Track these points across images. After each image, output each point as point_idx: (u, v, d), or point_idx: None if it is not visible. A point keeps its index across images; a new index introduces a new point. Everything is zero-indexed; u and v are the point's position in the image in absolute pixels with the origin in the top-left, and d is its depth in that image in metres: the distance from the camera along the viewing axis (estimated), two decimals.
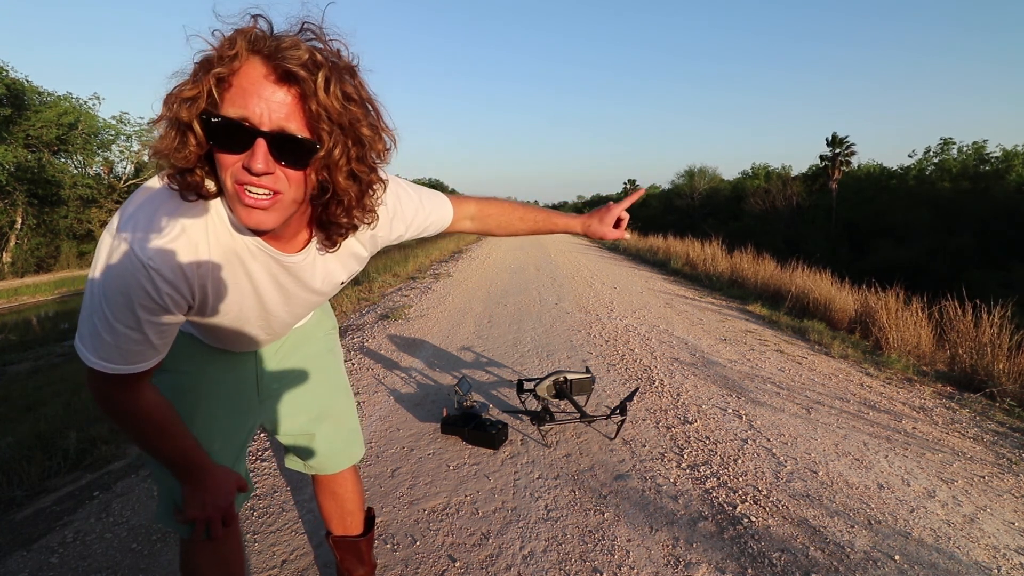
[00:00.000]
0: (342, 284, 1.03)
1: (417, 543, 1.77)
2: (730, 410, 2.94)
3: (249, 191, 0.70)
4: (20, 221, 24.72)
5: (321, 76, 0.67)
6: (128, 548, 1.76)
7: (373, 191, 0.82)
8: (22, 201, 24.26)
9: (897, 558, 1.71)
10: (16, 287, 21.13)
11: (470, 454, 2.39)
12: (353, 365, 3.77)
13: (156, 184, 0.77)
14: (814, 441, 2.57)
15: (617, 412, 2.51)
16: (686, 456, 2.38)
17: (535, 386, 2.57)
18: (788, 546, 1.75)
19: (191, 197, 0.75)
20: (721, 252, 9.97)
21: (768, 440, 2.56)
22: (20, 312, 17.81)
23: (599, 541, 1.78)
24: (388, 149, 0.80)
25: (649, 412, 2.89)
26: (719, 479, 2.18)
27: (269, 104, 0.67)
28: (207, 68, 0.67)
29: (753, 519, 1.90)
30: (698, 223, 35.57)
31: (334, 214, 0.80)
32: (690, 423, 2.74)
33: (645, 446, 2.48)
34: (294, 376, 1.18)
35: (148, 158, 0.77)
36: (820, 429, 2.72)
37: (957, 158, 32.16)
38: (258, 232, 0.80)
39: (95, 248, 0.75)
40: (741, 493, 2.08)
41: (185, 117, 0.68)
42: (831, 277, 6.82)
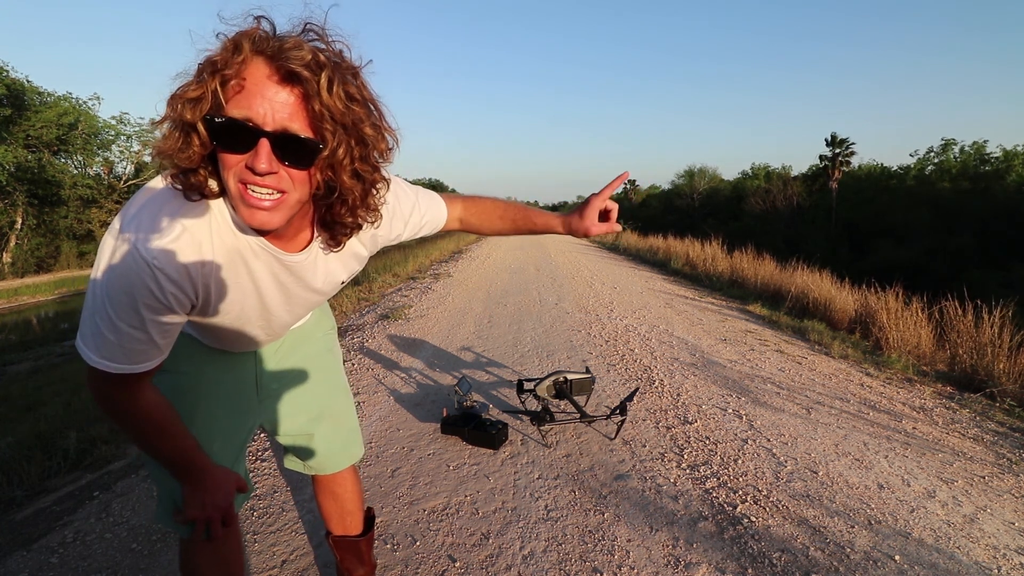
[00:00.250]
0: (342, 284, 1.03)
1: (417, 543, 1.77)
2: (730, 410, 2.94)
3: (252, 191, 0.71)
4: (20, 221, 24.73)
5: (324, 76, 0.68)
6: (128, 548, 1.76)
7: (377, 190, 0.82)
8: (22, 201, 24.27)
9: (897, 558, 1.71)
10: (16, 287, 21.14)
11: (470, 454, 2.39)
12: (353, 365, 3.77)
13: (159, 184, 0.77)
14: (814, 441, 2.57)
15: (617, 412, 2.51)
16: (686, 456, 2.38)
17: (535, 386, 2.57)
18: (788, 546, 1.75)
19: (194, 197, 0.75)
20: (721, 252, 9.96)
21: (768, 440, 2.56)
22: (20, 312, 17.82)
23: (599, 541, 1.78)
24: (391, 148, 0.80)
25: (649, 412, 2.89)
26: (719, 479, 2.18)
27: (272, 104, 0.68)
28: (211, 69, 0.67)
29: (753, 519, 1.90)
30: (698, 223, 35.56)
31: (339, 214, 0.81)
32: (690, 423, 2.74)
33: (645, 446, 2.48)
34: (293, 376, 1.18)
35: (150, 158, 0.77)
36: (820, 429, 2.72)
37: (958, 158, 32.18)
38: (261, 232, 0.80)
39: (95, 248, 0.75)
40: (741, 493, 2.08)
41: (189, 118, 0.68)
42: (831, 277, 6.82)
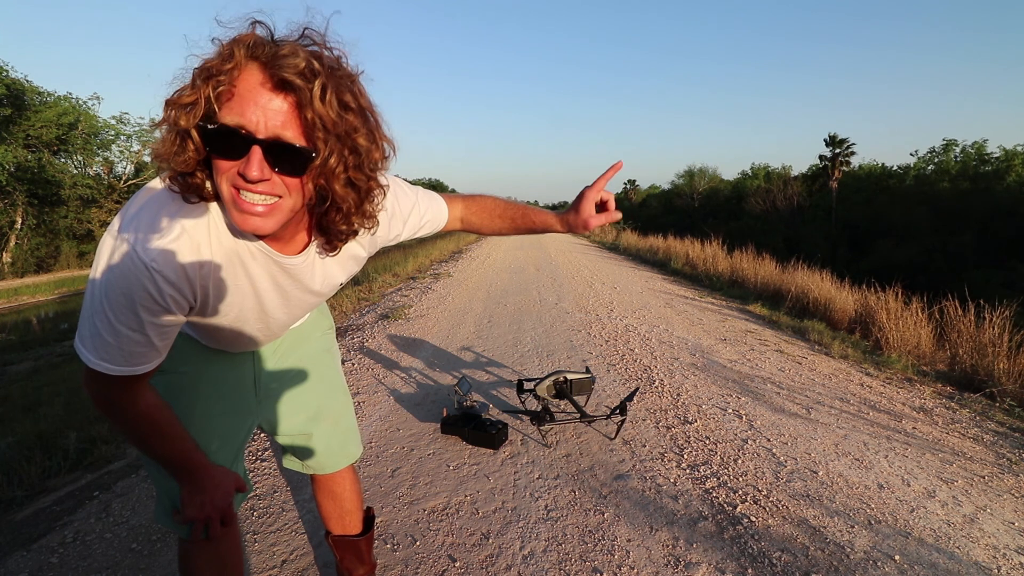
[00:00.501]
0: (340, 285, 1.03)
1: (417, 543, 1.77)
2: (730, 410, 2.94)
3: (245, 196, 0.71)
4: (20, 221, 24.73)
5: (317, 85, 0.67)
6: (128, 548, 1.76)
7: (373, 198, 0.82)
8: (22, 201, 24.27)
9: (897, 558, 1.71)
10: (16, 287, 21.13)
11: (470, 454, 2.39)
12: (353, 365, 3.77)
13: (158, 185, 0.78)
14: (814, 441, 2.57)
15: (617, 412, 2.51)
16: (686, 456, 2.38)
17: (535, 386, 2.57)
18: (788, 546, 1.75)
19: (192, 199, 0.75)
20: (721, 252, 9.96)
21: (768, 440, 2.56)
22: (20, 312, 17.81)
23: (599, 541, 1.78)
24: (386, 158, 0.80)
25: (649, 412, 2.89)
26: (719, 479, 2.18)
27: (265, 112, 0.67)
28: (205, 75, 0.67)
29: (753, 519, 1.90)
30: (698, 223, 35.56)
31: (333, 221, 0.80)
32: (690, 423, 2.74)
33: (645, 446, 2.47)
34: (292, 376, 1.18)
35: (149, 159, 0.77)
36: (820, 429, 2.71)
37: (959, 158, 32.17)
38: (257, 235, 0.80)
39: (95, 248, 0.75)
40: (741, 493, 2.08)
41: (183, 124, 0.68)
42: (831, 277, 6.82)
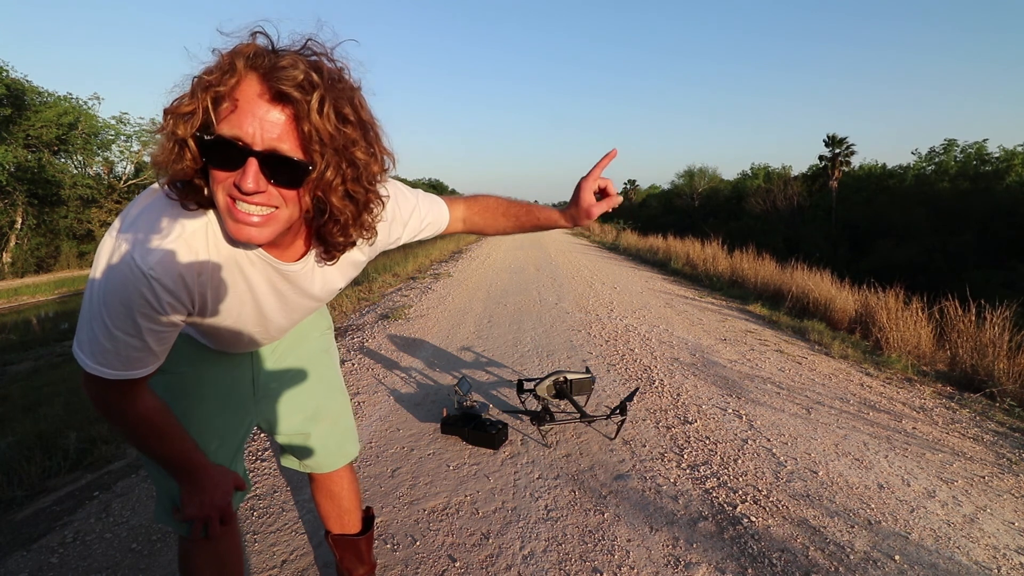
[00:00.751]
0: (340, 290, 1.03)
1: (417, 543, 1.77)
2: (730, 410, 2.94)
3: (240, 207, 0.70)
4: (20, 221, 24.74)
5: (315, 97, 0.67)
6: (128, 548, 1.76)
7: (371, 210, 0.81)
8: (22, 201, 24.27)
9: (897, 558, 1.70)
10: (16, 287, 21.13)
11: (470, 454, 2.39)
12: (353, 365, 3.76)
13: (159, 189, 0.77)
14: (814, 441, 2.57)
15: (617, 412, 2.51)
16: (686, 456, 2.38)
17: (535, 386, 2.57)
18: (788, 546, 1.75)
19: (191, 206, 0.75)
20: (721, 252, 9.97)
21: (768, 440, 2.56)
22: (20, 312, 17.81)
23: (599, 541, 1.78)
24: (385, 170, 0.79)
25: (649, 412, 2.89)
26: (719, 479, 2.18)
27: (262, 124, 0.67)
28: (204, 85, 0.67)
29: (753, 519, 1.90)
30: (698, 223, 35.56)
31: (331, 232, 0.80)
32: (690, 423, 2.74)
33: (645, 446, 2.47)
34: (290, 376, 1.18)
35: (146, 156, 0.77)
36: (820, 429, 2.71)
37: (959, 158, 32.17)
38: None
39: (95, 248, 0.75)
40: (741, 493, 2.08)
41: (181, 133, 0.68)
42: (831, 277, 6.82)
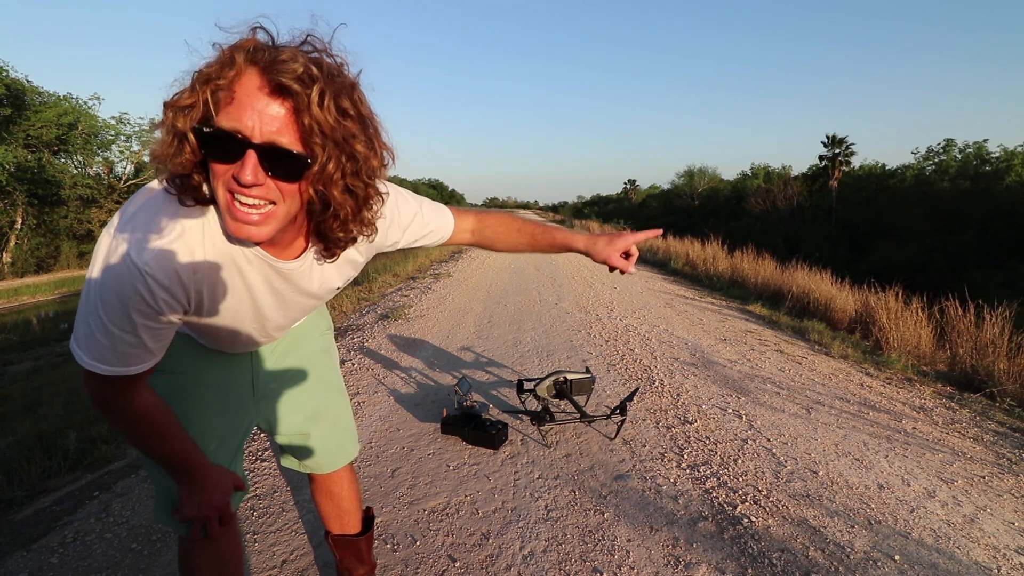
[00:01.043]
0: (337, 289, 1.03)
1: (417, 543, 1.77)
2: (730, 410, 2.94)
3: (239, 204, 0.71)
4: (20, 221, 24.72)
5: (315, 90, 0.67)
6: (128, 548, 1.76)
7: (371, 205, 0.82)
8: (22, 201, 24.26)
9: (897, 558, 1.71)
10: (16, 287, 21.12)
11: (470, 454, 2.39)
12: (353, 365, 3.76)
13: (156, 186, 0.78)
14: (814, 441, 2.57)
15: (617, 412, 2.51)
16: (686, 456, 2.38)
17: (535, 386, 2.57)
18: (788, 546, 1.75)
19: (188, 202, 0.75)
20: (721, 252, 9.97)
21: (768, 440, 2.56)
22: (20, 312, 17.81)
23: (599, 541, 1.78)
24: (384, 165, 0.80)
25: (649, 412, 2.89)
26: (719, 479, 2.18)
27: (262, 116, 0.67)
28: (204, 79, 0.67)
29: (753, 519, 1.90)
30: (698, 223, 35.53)
31: (331, 228, 0.80)
32: (690, 423, 2.74)
33: (645, 446, 2.47)
34: (290, 376, 1.18)
35: (148, 159, 0.77)
36: (820, 429, 2.71)
37: (958, 158, 32.14)
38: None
39: (95, 247, 0.75)
40: (741, 493, 2.08)
41: (180, 126, 0.68)
42: (831, 277, 6.82)
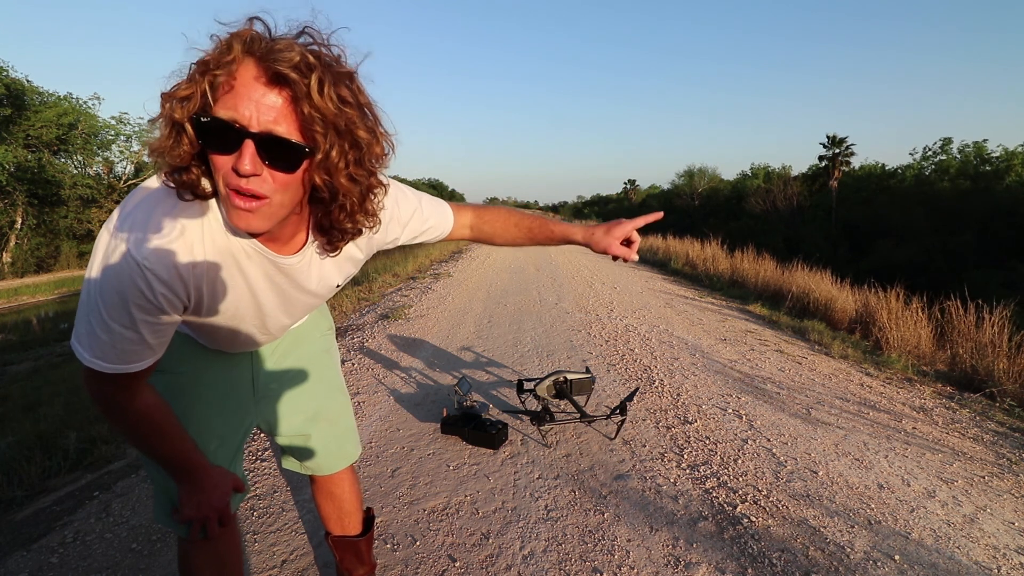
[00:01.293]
0: (337, 287, 1.03)
1: (417, 543, 1.77)
2: (730, 410, 2.94)
3: (239, 193, 0.71)
4: (20, 221, 24.73)
5: (314, 78, 0.67)
6: (128, 548, 1.76)
7: (374, 195, 0.82)
8: (22, 201, 24.27)
9: (897, 558, 1.70)
10: (16, 287, 21.13)
11: (470, 454, 2.39)
12: (353, 365, 3.76)
13: (154, 184, 0.78)
14: (814, 441, 2.57)
15: (617, 412, 2.51)
16: (686, 456, 2.38)
17: (535, 386, 2.57)
18: (788, 546, 1.75)
19: (187, 196, 0.75)
20: (721, 252, 9.97)
21: (768, 440, 2.56)
22: (20, 312, 17.82)
23: (599, 541, 1.78)
24: (386, 154, 0.79)
25: (649, 412, 2.89)
26: (719, 479, 2.18)
27: (259, 106, 0.67)
28: (201, 69, 0.67)
29: (753, 519, 1.90)
30: (698, 223, 35.51)
31: (338, 219, 0.80)
32: (690, 423, 2.74)
33: (645, 446, 2.47)
34: (290, 376, 1.18)
35: (148, 157, 0.77)
36: (820, 429, 2.71)
37: (958, 158, 32.12)
38: (253, 234, 0.80)
39: (94, 245, 0.75)
40: (741, 493, 2.08)
41: (178, 116, 0.68)
42: (831, 277, 6.82)
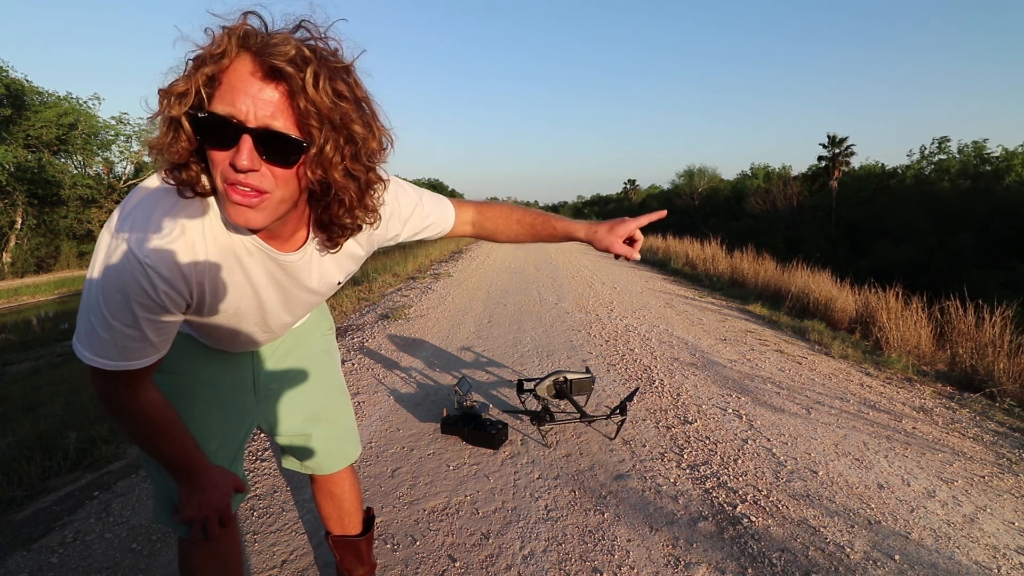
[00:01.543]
0: (339, 285, 1.03)
1: (417, 543, 1.77)
2: (730, 410, 2.94)
3: (236, 189, 0.70)
4: (20, 221, 24.74)
5: (310, 72, 0.67)
6: (128, 548, 1.76)
7: (373, 190, 0.81)
8: (22, 201, 24.28)
9: (897, 558, 1.70)
10: (16, 287, 21.15)
11: (470, 454, 2.39)
12: (353, 365, 3.76)
13: (154, 183, 0.78)
14: (814, 441, 2.57)
15: (617, 412, 2.51)
16: (686, 456, 2.38)
17: (535, 386, 2.57)
18: (788, 546, 1.75)
19: (187, 193, 0.75)
20: (721, 252, 9.97)
21: (768, 440, 2.56)
22: (20, 312, 17.83)
23: (599, 541, 1.78)
24: (383, 148, 0.79)
25: (649, 412, 2.89)
26: (719, 479, 2.18)
27: (256, 101, 0.67)
28: (198, 65, 0.67)
29: (753, 519, 1.90)
30: (698, 223, 35.50)
31: (337, 215, 0.80)
32: (690, 423, 2.74)
33: (645, 446, 2.47)
34: (291, 376, 1.18)
35: (147, 155, 0.76)
36: (820, 429, 2.71)
37: (958, 158, 32.11)
38: (253, 230, 0.80)
39: (95, 245, 0.75)
40: (741, 493, 2.08)
41: (175, 113, 0.68)
42: (831, 277, 6.82)
